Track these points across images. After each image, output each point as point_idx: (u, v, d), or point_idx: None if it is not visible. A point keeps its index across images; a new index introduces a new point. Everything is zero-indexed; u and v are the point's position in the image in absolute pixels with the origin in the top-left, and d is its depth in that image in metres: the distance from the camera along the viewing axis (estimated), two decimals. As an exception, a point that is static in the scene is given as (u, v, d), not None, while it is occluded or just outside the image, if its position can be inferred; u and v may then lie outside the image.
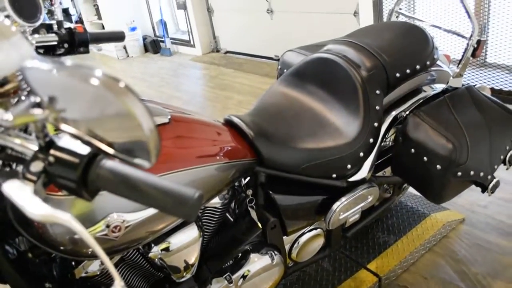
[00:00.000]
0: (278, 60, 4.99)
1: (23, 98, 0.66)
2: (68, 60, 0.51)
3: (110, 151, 0.56)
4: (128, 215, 0.93)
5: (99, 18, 7.30)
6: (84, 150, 0.57)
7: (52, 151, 0.58)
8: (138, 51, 7.04)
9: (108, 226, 0.90)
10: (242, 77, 4.95)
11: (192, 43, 6.41)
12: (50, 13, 7.97)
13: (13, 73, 0.64)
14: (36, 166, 0.58)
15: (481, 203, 2.17)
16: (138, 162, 0.55)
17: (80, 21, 8.28)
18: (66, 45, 1.24)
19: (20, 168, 0.60)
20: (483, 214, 2.11)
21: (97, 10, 7.25)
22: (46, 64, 0.51)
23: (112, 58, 7.05)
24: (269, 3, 4.95)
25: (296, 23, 4.74)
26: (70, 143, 0.58)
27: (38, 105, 0.55)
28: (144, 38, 7.10)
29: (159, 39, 7.02)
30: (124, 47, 6.98)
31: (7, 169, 0.76)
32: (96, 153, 0.57)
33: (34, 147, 0.60)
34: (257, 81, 4.68)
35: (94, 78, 0.49)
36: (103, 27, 7.29)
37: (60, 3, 8.84)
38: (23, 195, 0.55)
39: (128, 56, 7.04)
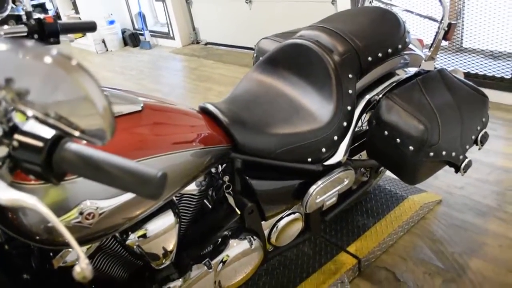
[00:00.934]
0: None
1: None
2: (23, 41, 0.51)
3: (74, 132, 0.56)
4: (101, 202, 0.93)
5: (76, 12, 7.18)
6: (48, 133, 0.58)
7: (16, 136, 0.59)
8: (117, 45, 6.95)
9: (81, 213, 0.90)
10: (222, 68, 4.94)
11: (171, 35, 6.36)
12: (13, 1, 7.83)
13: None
14: (0, 151, 0.58)
15: (458, 184, 2.22)
16: (96, 141, 0.55)
17: (57, 15, 8.14)
18: (36, 36, 1.23)
19: None
20: (459, 195, 2.16)
21: (74, 4, 7.13)
22: (1, 44, 0.51)
23: (91, 53, 6.95)
24: (248, -7, 4.94)
25: (275, 12, 4.73)
26: (34, 127, 0.58)
27: None
28: (123, 32, 7.01)
29: (138, 32, 6.94)
30: (103, 41, 6.89)
31: None
32: (60, 136, 0.57)
33: None
34: (237, 72, 4.68)
35: (47, 56, 0.49)
36: (81, 21, 7.18)
37: (39, 3, 8.70)
38: None
39: (107, 50, 6.95)
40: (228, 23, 5.52)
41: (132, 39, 6.87)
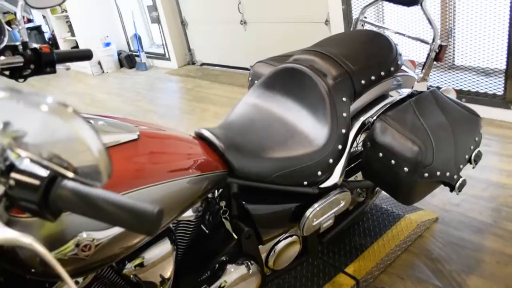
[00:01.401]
0: (252, 69, 5.04)
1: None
2: (20, 88, 0.52)
3: (69, 174, 0.57)
4: (98, 233, 0.93)
5: (72, 34, 7.24)
6: (45, 172, 0.58)
7: (12, 174, 0.59)
8: (113, 67, 7.00)
9: (78, 246, 0.90)
10: (218, 88, 4.97)
11: (167, 56, 6.41)
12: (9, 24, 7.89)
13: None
14: None
15: (454, 201, 2.23)
16: (93, 182, 0.56)
17: (53, 38, 8.20)
18: (32, 66, 1.24)
19: None
20: (455, 212, 2.17)
21: (70, 26, 7.20)
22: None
23: (87, 75, 6.99)
24: (242, 14, 5.00)
25: (269, 33, 4.79)
26: (31, 166, 0.59)
27: None
28: (119, 53, 7.07)
29: (134, 53, 7.00)
30: (99, 63, 6.94)
31: None
32: (57, 174, 0.58)
33: None
34: (233, 92, 4.71)
35: (43, 104, 0.51)
36: (77, 44, 7.24)
37: (31, 20, 8.76)
38: None
39: (103, 72, 7.00)
40: (223, 44, 5.58)
41: (128, 61, 6.92)
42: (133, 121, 1.18)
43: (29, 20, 8.85)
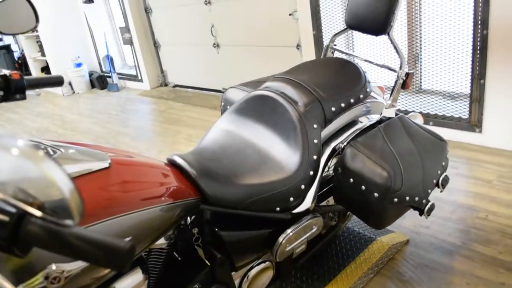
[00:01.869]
0: (225, 92, 5.08)
1: None
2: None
3: (37, 213, 0.56)
4: (67, 264, 0.91)
5: (43, 54, 7.14)
6: (14, 208, 0.58)
7: None
8: (84, 87, 6.91)
9: (47, 278, 0.88)
10: (191, 110, 4.97)
11: (139, 77, 6.38)
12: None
13: None
14: None
15: (424, 223, 2.28)
16: (65, 222, 0.55)
17: (22, 57, 8.06)
18: (1, 93, 1.22)
19: None
20: (426, 234, 2.21)
21: (40, 46, 7.10)
22: None
23: (57, 95, 6.88)
24: (215, 38, 5.05)
25: (242, 57, 4.85)
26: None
27: None
28: (90, 74, 7.00)
29: (105, 74, 6.95)
30: (70, 84, 6.84)
31: None
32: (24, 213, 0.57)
33: None
34: (206, 114, 4.72)
35: (14, 148, 0.51)
36: (47, 64, 7.13)
37: (0, 39, 8.60)
38: None
39: (74, 92, 6.90)
40: (196, 66, 5.61)
41: (99, 82, 6.86)
42: (104, 148, 1.17)
43: (-1, 40, 8.69)
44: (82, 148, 1.13)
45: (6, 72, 1.23)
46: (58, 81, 1.38)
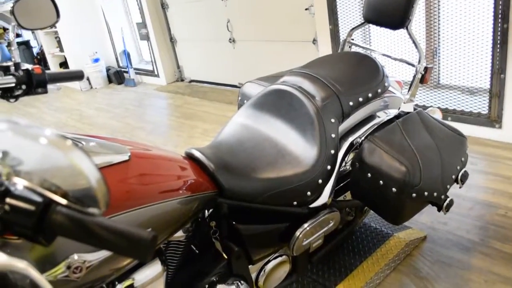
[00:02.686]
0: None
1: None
2: (20, 120, 0.53)
3: (63, 201, 0.57)
4: (89, 255, 0.93)
5: (61, 50, 7.24)
6: (40, 197, 0.59)
7: (7, 199, 0.59)
8: (101, 82, 6.99)
9: (69, 268, 0.90)
10: (207, 105, 4.99)
11: (156, 73, 6.43)
12: (10, 45, 7.85)
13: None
14: None
15: (441, 220, 2.25)
16: (90, 210, 0.57)
17: (41, 53, 8.18)
18: (24, 87, 1.25)
19: None
20: (443, 230, 2.19)
21: (59, 42, 7.19)
22: None
23: (75, 90, 6.97)
24: (231, 33, 5.05)
25: (258, 52, 4.85)
26: (26, 191, 0.60)
27: None
28: (108, 69, 7.08)
29: (122, 69, 7.01)
30: (88, 79, 6.93)
31: None
32: (50, 201, 0.59)
33: None
34: (222, 109, 4.73)
35: (42, 137, 0.52)
36: (65, 59, 7.23)
37: (19, 35, 8.72)
38: None
39: (91, 87, 6.99)
40: (212, 62, 5.62)
41: (116, 77, 6.92)
42: (124, 141, 1.19)
43: (17, 35, 8.78)
44: (102, 141, 1.14)
45: (28, 66, 1.26)
46: (78, 75, 1.40)
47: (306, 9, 4.02)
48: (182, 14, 5.73)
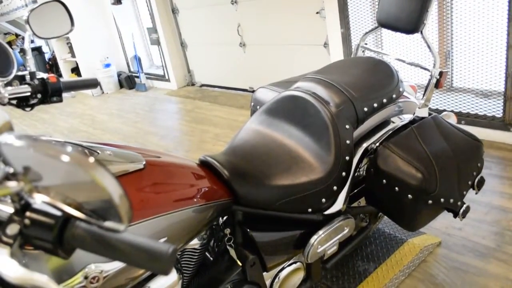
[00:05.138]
0: (252, 91, 5.07)
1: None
2: (41, 137, 0.53)
3: (82, 216, 0.57)
4: (106, 265, 0.93)
5: (73, 55, 7.30)
6: (59, 211, 0.59)
7: (27, 214, 0.60)
8: (113, 87, 7.04)
9: (86, 278, 0.90)
10: (218, 109, 5.00)
11: (167, 77, 6.46)
12: (23, 52, 7.95)
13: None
14: (12, 229, 0.59)
15: (456, 225, 2.23)
16: (111, 225, 0.56)
17: (53, 58, 8.25)
18: (39, 96, 1.26)
19: None
20: (458, 236, 2.16)
21: (71, 48, 7.26)
22: (20, 140, 0.54)
23: (87, 95, 7.03)
24: (241, 37, 5.06)
25: (268, 56, 4.85)
26: (45, 205, 0.60)
27: (12, 175, 0.56)
28: (119, 74, 7.12)
29: (133, 74, 7.05)
30: (99, 84, 6.96)
31: None
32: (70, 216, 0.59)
33: (10, 209, 0.61)
34: (233, 114, 4.73)
35: (64, 155, 0.52)
36: (77, 65, 7.29)
37: (32, 41, 8.82)
38: (0, 259, 0.56)
39: (103, 92, 7.04)
40: (222, 66, 5.63)
41: (127, 82, 6.97)
42: (138, 149, 1.19)
43: (30, 41, 8.90)
44: (117, 149, 1.14)
45: (43, 75, 1.27)
46: (93, 83, 1.41)
47: (317, 12, 4.01)
48: (192, 19, 5.75)
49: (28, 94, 1.23)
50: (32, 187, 0.56)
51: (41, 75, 1.27)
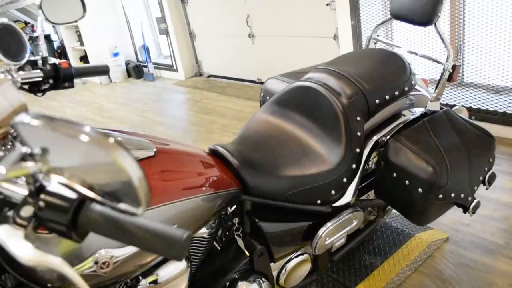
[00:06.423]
0: (260, 83, 5.05)
1: (12, 143, 0.67)
2: (60, 117, 0.53)
3: (98, 198, 0.57)
4: (116, 250, 0.93)
5: (81, 44, 7.31)
6: (74, 194, 0.59)
7: (42, 196, 0.59)
8: (121, 76, 7.05)
9: (96, 263, 0.90)
10: (226, 100, 4.99)
11: (175, 67, 6.45)
12: (32, 39, 7.93)
13: (3, 119, 0.66)
14: (27, 211, 0.59)
15: (464, 221, 2.21)
16: (128, 208, 0.56)
17: (62, 47, 8.27)
18: (51, 81, 1.26)
19: (9, 212, 0.61)
20: (466, 232, 2.15)
21: (79, 36, 7.27)
22: (38, 120, 0.53)
23: (95, 84, 7.04)
24: (250, 28, 5.03)
25: (277, 47, 4.82)
26: (60, 187, 0.59)
27: (29, 155, 0.56)
28: (127, 64, 7.13)
29: (141, 64, 7.05)
30: (107, 73, 6.97)
31: None
32: (85, 198, 0.58)
33: (24, 191, 0.61)
34: (240, 105, 4.72)
35: (84, 135, 0.51)
36: (86, 53, 7.30)
37: (45, 35, 8.83)
38: (15, 241, 0.56)
39: (111, 81, 7.05)
40: (231, 57, 5.61)
41: (135, 71, 6.97)
42: (149, 136, 1.19)
43: (38, 29, 8.92)
44: (128, 136, 1.14)
45: (55, 61, 1.27)
46: (104, 70, 1.41)
47: (327, 4, 3.97)
48: (201, 9, 5.72)
49: (40, 79, 1.23)
50: (50, 167, 0.55)
51: (53, 60, 1.27)
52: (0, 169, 0.54)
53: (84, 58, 7.51)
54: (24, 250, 0.55)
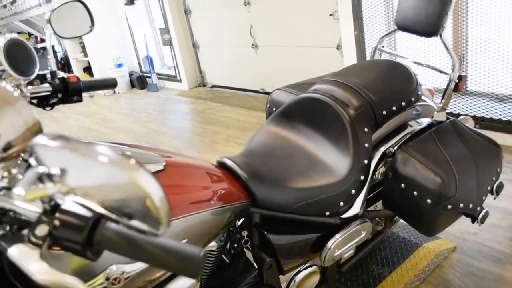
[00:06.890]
0: (264, 93, 5.06)
1: (23, 159, 0.68)
2: (76, 138, 0.53)
3: (115, 217, 0.57)
4: (127, 266, 0.93)
5: (85, 55, 7.34)
6: (89, 212, 0.59)
7: (57, 215, 0.59)
8: (124, 87, 7.07)
9: (108, 279, 0.90)
10: (229, 111, 5.00)
11: (178, 78, 6.47)
12: (36, 50, 8.00)
13: (17, 138, 0.66)
14: (42, 230, 0.59)
15: (472, 230, 2.20)
16: (149, 229, 0.56)
17: (65, 58, 8.31)
18: (59, 95, 1.26)
19: (24, 231, 0.61)
20: (474, 241, 2.14)
21: (83, 47, 7.30)
22: (56, 142, 0.53)
23: (99, 95, 7.05)
24: (254, 38, 5.06)
25: (280, 57, 4.84)
26: (75, 205, 0.59)
27: (47, 176, 0.56)
28: (131, 74, 7.16)
29: (145, 74, 7.08)
30: (111, 84, 6.99)
31: (8, 230, 0.76)
32: (101, 217, 0.58)
33: (39, 210, 0.61)
34: (244, 115, 4.73)
35: (103, 156, 0.51)
36: (89, 64, 7.33)
37: (44, 40, 8.89)
38: (30, 261, 0.56)
39: (114, 92, 7.06)
40: (234, 67, 5.63)
41: (139, 82, 7.00)
42: (156, 149, 1.19)
43: (42, 40, 8.99)
44: (137, 150, 1.14)
45: (64, 75, 1.27)
46: (112, 84, 1.41)
47: (330, 14, 3.99)
48: (205, 20, 5.76)
49: (49, 93, 1.24)
50: (69, 189, 0.56)
51: (61, 74, 1.28)
52: (18, 190, 0.54)
53: (87, 69, 7.54)
54: (39, 270, 0.55)
